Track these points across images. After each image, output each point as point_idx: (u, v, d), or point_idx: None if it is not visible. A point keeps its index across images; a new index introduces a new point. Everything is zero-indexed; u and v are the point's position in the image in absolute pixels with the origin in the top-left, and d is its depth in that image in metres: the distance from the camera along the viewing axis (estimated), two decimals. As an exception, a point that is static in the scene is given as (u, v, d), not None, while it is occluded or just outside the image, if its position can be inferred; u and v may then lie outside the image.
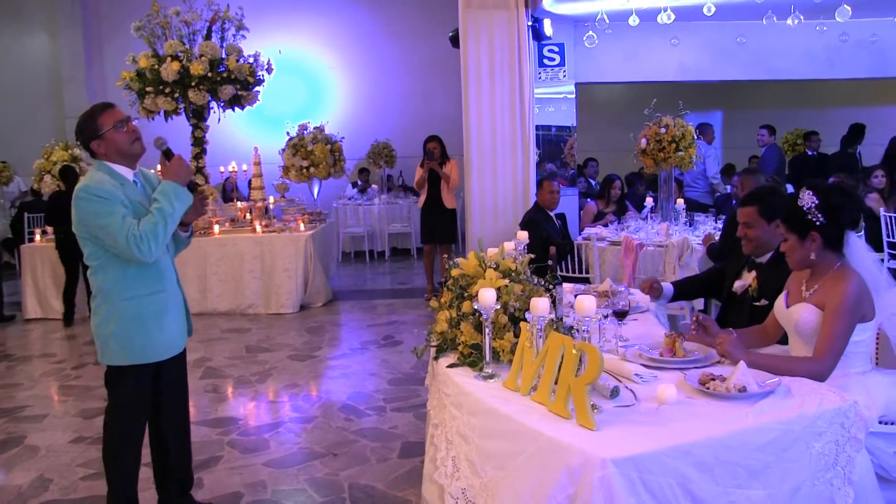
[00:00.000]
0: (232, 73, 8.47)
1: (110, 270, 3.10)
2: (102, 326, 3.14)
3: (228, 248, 8.02)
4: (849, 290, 2.74)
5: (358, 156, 11.90)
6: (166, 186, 3.12)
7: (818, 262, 2.86)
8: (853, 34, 9.11)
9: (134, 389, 3.20)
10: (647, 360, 2.81)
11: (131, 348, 3.13)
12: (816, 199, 2.80)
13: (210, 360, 6.29)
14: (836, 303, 2.75)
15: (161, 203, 3.06)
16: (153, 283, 3.17)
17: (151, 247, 3.00)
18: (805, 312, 2.86)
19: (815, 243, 2.83)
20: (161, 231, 3.03)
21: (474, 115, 7.86)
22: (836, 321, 2.73)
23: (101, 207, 2.98)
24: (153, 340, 3.16)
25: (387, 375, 5.74)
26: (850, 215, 2.86)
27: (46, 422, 5.03)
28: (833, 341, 2.72)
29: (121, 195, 3.04)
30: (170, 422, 3.41)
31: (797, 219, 2.83)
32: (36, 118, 12.53)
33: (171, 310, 3.25)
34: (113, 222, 2.96)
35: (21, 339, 7.42)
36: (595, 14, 7.82)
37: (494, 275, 2.85)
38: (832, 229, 2.82)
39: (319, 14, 12.56)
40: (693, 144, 7.02)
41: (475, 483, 2.44)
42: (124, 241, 2.96)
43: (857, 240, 2.92)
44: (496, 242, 3.54)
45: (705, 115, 13.34)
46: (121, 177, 3.13)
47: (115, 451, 3.24)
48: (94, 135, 3.10)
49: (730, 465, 2.16)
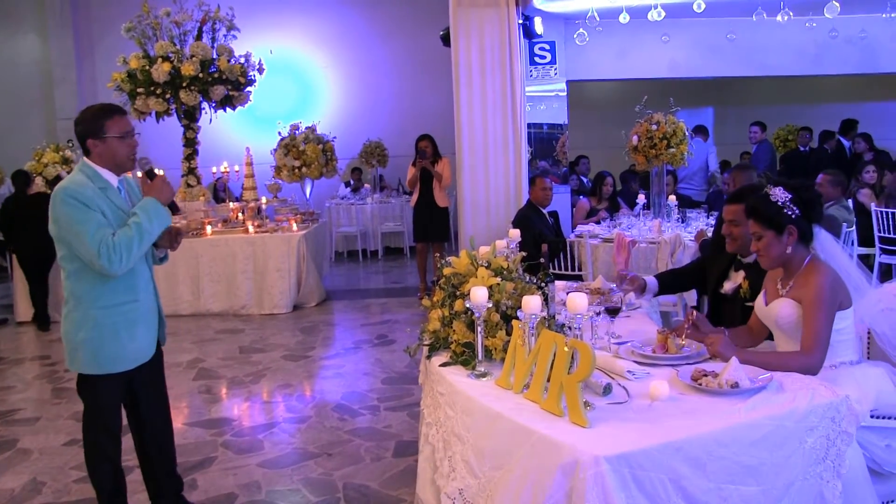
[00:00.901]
0: (223, 74, 8.44)
1: (84, 277, 3.05)
2: (73, 333, 3.11)
3: (221, 249, 8.00)
4: (823, 282, 2.80)
5: (350, 155, 11.89)
6: (147, 203, 3.09)
7: (791, 257, 2.92)
8: (842, 30, 9.14)
9: (105, 397, 3.17)
10: (640, 357, 2.82)
11: (103, 357, 3.10)
12: (788, 193, 2.88)
13: (203, 361, 6.28)
14: (811, 295, 2.79)
15: (139, 218, 3.03)
16: (127, 291, 3.13)
17: (123, 259, 2.96)
18: (784, 307, 2.90)
19: (792, 237, 2.88)
20: (136, 245, 3.00)
21: (466, 114, 7.85)
22: (816, 313, 2.77)
23: (78, 213, 2.94)
24: (124, 350, 3.13)
25: (380, 375, 5.74)
26: (819, 208, 2.97)
27: (39, 425, 5.01)
28: (817, 333, 2.75)
29: (100, 202, 3.00)
30: (151, 427, 3.39)
31: (773, 214, 2.88)
32: (27, 120, 12.46)
33: (143, 319, 3.21)
34: (87, 230, 2.92)
35: (13, 342, 7.39)
36: (585, 11, 7.84)
37: (486, 273, 2.86)
38: (806, 222, 2.89)
39: (310, 14, 12.54)
40: (685, 141, 7.04)
41: (472, 483, 2.44)
42: (95, 249, 2.91)
43: (824, 234, 2.98)
44: (489, 240, 3.55)
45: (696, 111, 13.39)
46: (103, 180, 3.09)
47: (93, 455, 3.22)
48: (95, 134, 3.06)
49: (723, 461, 2.17)
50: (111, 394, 3.19)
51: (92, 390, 3.16)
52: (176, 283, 7.89)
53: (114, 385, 3.17)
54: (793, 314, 2.87)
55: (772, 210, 2.88)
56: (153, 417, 3.40)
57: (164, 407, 3.49)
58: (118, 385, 3.19)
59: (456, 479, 2.53)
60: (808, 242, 2.94)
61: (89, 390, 3.17)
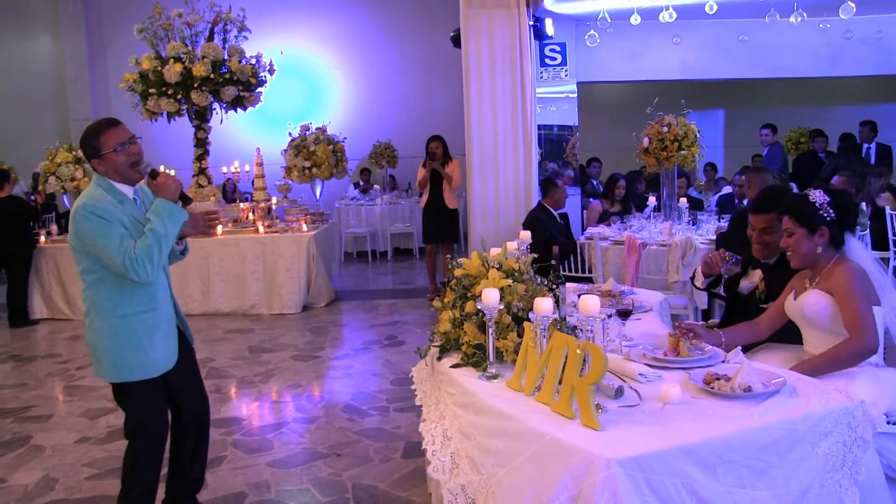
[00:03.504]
0: (234, 75, 8.48)
1: (103, 287, 3.08)
2: (96, 342, 3.14)
3: (231, 249, 8.02)
4: (850, 269, 2.93)
5: (360, 156, 11.91)
6: (157, 205, 3.10)
7: (820, 258, 3.01)
8: (857, 31, 9.09)
9: (146, 400, 3.19)
10: (651, 360, 2.81)
11: (125, 365, 3.11)
12: (827, 196, 3.00)
13: (213, 361, 6.30)
14: (842, 283, 2.89)
15: (153, 224, 3.04)
16: (146, 300, 3.14)
17: (147, 269, 2.98)
18: (811, 296, 2.99)
19: (823, 238, 2.98)
20: (156, 252, 3.01)
21: (476, 115, 7.85)
22: (853, 297, 2.87)
23: (100, 227, 2.96)
24: (146, 358, 3.14)
25: (390, 375, 5.74)
26: (854, 217, 3.08)
27: (52, 422, 5.04)
28: (860, 315, 2.85)
29: (120, 214, 3.02)
30: (189, 422, 3.42)
31: (809, 213, 2.98)
32: (40, 120, 12.56)
33: (163, 327, 3.22)
34: (111, 243, 2.95)
35: (26, 340, 7.43)
36: (596, 13, 7.82)
37: (497, 275, 2.85)
38: (839, 227, 2.99)
39: (321, 15, 12.58)
40: (696, 143, 7.01)
41: (474, 480, 2.43)
42: (121, 262, 2.94)
43: (855, 240, 3.07)
44: (498, 242, 3.54)
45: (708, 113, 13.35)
46: (120, 194, 3.10)
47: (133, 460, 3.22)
48: (94, 153, 3.07)
49: (733, 465, 2.15)
50: (147, 398, 3.19)
51: (125, 396, 3.19)
52: (186, 283, 7.92)
53: (147, 390, 3.18)
54: (819, 303, 2.95)
55: (808, 209, 3.00)
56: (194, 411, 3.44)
57: (205, 403, 3.51)
58: (150, 388, 3.20)
59: (459, 476, 2.53)
60: (838, 247, 3.03)
61: (124, 398, 3.20)
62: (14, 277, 8.09)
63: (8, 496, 3.94)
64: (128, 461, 3.23)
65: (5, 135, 12.34)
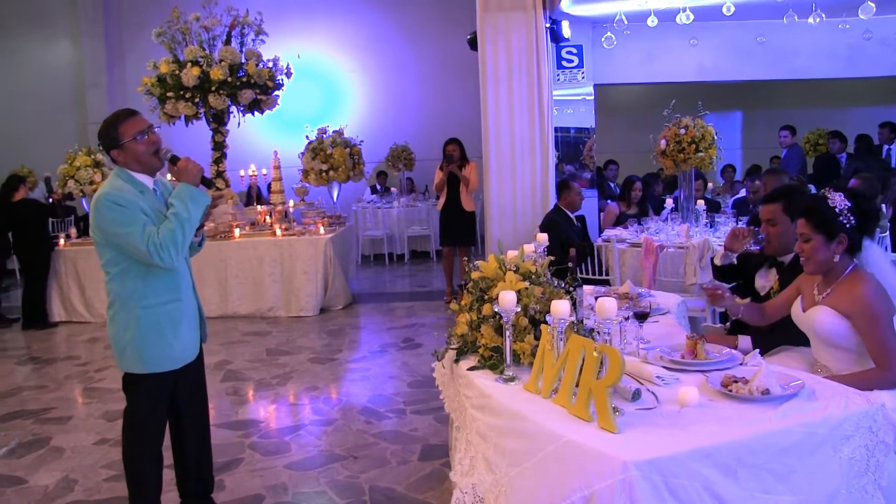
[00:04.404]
0: (251, 78, 8.53)
1: (128, 278, 3.10)
2: (120, 334, 3.15)
3: (248, 252, 8.07)
4: (869, 293, 2.75)
5: (377, 159, 11.94)
6: (180, 189, 3.12)
7: (836, 266, 2.86)
8: (877, 31, 8.99)
9: (151, 396, 3.21)
10: (669, 363, 2.79)
11: (149, 357, 3.14)
12: (848, 201, 2.81)
13: (231, 363, 6.33)
14: (863, 309, 2.74)
15: (176, 207, 3.06)
16: (170, 291, 3.17)
17: (171, 253, 3.00)
18: (822, 314, 2.86)
19: (842, 245, 2.83)
20: (179, 236, 3.02)
21: (493, 118, 7.86)
22: (876, 326, 2.73)
23: (122, 216, 2.98)
24: (170, 349, 3.17)
25: (406, 378, 5.74)
26: (875, 223, 2.92)
27: (71, 424, 5.09)
28: (884, 345, 2.72)
29: (141, 203, 3.05)
30: (190, 426, 3.43)
31: (828, 218, 2.82)
32: (59, 124, 12.71)
33: (186, 318, 3.25)
34: (134, 231, 2.97)
35: (46, 342, 7.51)
36: (613, 15, 7.81)
37: (514, 277, 2.85)
38: (858, 234, 2.83)
39: (337, 18, 12.63)
40: (713, 145, 6.97)
41: (487, 479, 2.43)
42: (145, 248, 2.96)
43: (874, 246, 2.94)
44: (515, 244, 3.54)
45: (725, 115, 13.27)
46: (141, 184, 3.13)
47: (135, 454, 3.25)
48: (114, 143, 3.10)
49: (753, 469, 2.14)
50: (157, 393, 3.22)
51: (138, 389, 3.20)
52: (203, 286, 7.96)
53: (161, 383, 3.21)
54: (831, 322, 2.83)
55: (827, 214, 2.82)
56: (194, 417, 3.45)
57: (205, 406, 3.54)
58: (164, 383, 3.23)
59: (472, 475, 2.53)
60: (855, 254, 2.88)
61: (136, 388, 3.21)
62: (32, 280, 8.17)
63: (28, 497, 3.98)
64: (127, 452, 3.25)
65: (24, 138, 12.50)
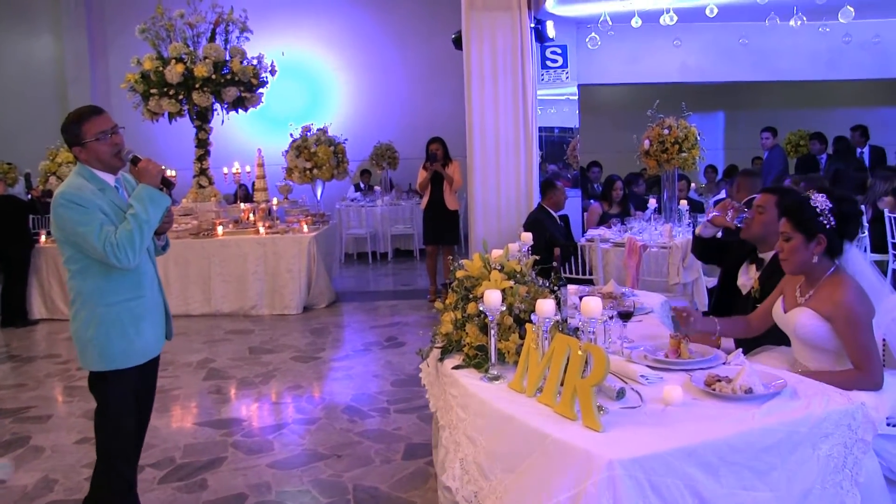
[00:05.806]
0: (236, 75, 8.48)
1: (90, 276, 3.06)
2: (81, 331, 3.11)
3: (232, 250, 8.02)
4: (850, 298, 2.77)
5: (361, 157, 11.91)
6: (140, 191, 3.08)
7: (816, 267, 2.88)
8: (856, 35, 9.09)
9: (117, 393, 3.16)
10: (653, 362, 2.81)
11: (110, 354, 3.10)
12: (829, 203, 2.83)
13: (214, 362, 6.30)
14: (844, 312, 2.76)
15: (135, 209, 3.02)
16: (132, 288, 3.13)
17: (129, 255, 2.97)
18: (803, 317, 2.87)
19: (821, 246, 2.84)
20: (137, 238, 2.99)
21: (477, 117, 7.86)
22: (856, 330, 2.75)
23: (79, 215, 2.94)
24: (131, 346, 3.13)
25: (390, 377, 5.74)
26: (856, 227, 2.92)
27: (51, 422, 5.04)
28: (864, 348, 2.74)
29: (99, 202, 3.00)
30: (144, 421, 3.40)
31: (807, 218, 2.84)
32: (40, 120, 12.54)
33: (150, 314, 3.21)
34: (90, 231, 2.93)
35: (26, 340, 7.43)
36: (598, 16, 7.83)
37: (499, 276, 2.86)
38: (838, 236, 2.85)
39: (322, 16, 12.59)
40: (696, 145, 7.02)
41: (484, 486, 2.44)
42: (102, 249, 2.92)
43: (854, 249, 2.94)
44: (499, 244, 3.55)
45: (708, 116, 13.36)
46: (101, 181, 3.08)
47: (108, 452, 3.21)
48: (76, 141, 3.05)
49: (735, 467, 2.16)
50: (123, 390, 3.18)
51: (105, 386, 3.16)
52: (187, 284, 7.93)
53: (125, 381, 3.18)
54: (812, 324, 2.84)
55: (807, 214, 2.84)
56: (146, 410, 3.42)
57: (153, 401, 3.49)
58: (129, 381, 3.19)
59: (470, 483, 2.53)
60: (836, 256, 2.89)
61: (102, 386, 3.17)
62: (12, 277, 8.08)
63: (7, 497, 3.94)
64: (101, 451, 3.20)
65: (6, 133, 12.35)
